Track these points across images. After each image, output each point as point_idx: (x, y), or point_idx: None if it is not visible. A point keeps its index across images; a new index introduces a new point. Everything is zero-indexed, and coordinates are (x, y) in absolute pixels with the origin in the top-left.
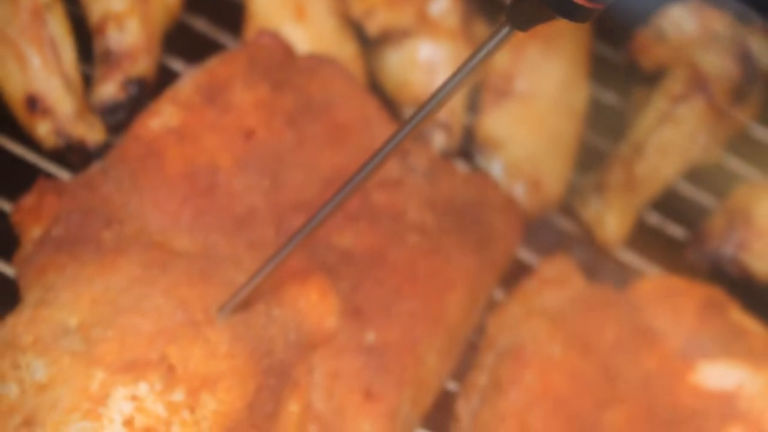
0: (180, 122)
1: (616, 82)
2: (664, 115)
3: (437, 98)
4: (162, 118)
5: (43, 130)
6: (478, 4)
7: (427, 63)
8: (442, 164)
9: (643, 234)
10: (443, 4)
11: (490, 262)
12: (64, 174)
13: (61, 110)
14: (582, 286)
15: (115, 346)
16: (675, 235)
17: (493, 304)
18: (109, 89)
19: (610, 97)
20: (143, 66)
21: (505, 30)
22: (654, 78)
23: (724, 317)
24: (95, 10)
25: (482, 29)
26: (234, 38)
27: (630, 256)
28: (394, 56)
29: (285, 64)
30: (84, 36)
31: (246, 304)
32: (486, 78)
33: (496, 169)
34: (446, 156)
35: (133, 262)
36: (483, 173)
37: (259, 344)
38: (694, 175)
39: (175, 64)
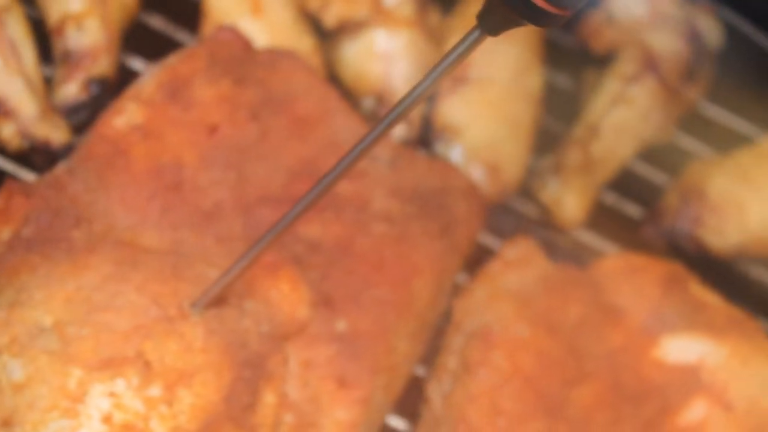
0: (144, 120)
1: (569, 65)
2: (617, 97)
3: (410, 100)
4: (126, 116)
5: (6, 132)
6: None
7: (383, 53)
8: (403, 153)
9: (601, 214)
10: None
11: (454, 247)
12: (29, 175)
13: (25, 112)
14: (545, 266)
15: (91, 343)
16: (632, 214)
17: (459, 289)
18: (71, 89)
19: (563, 81)
20: (104, 65)
21: (476, 34)
22: (606, 60)
23: (684, 292)
24: (54, 11)
25: (436, 18)
26: (192, 35)
27: (589, 236)
28: (351, 47)
29: (245, 58)
30: (43, 38)
31: (219, 299)
32: None
33: (456, 155)
34: (407, 145)
35: (104, 260)
36: (444, 160)
37: (234, 337)
38: (648, 154)
39: (135, 63)
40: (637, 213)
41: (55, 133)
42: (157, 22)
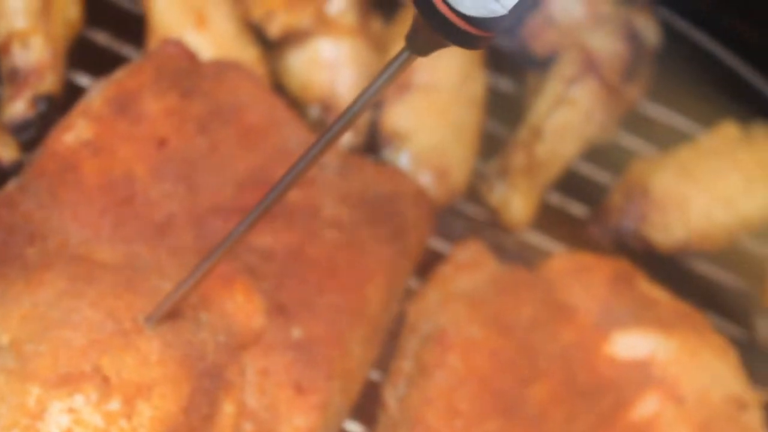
0: (93, 135)
1: (511, 69)
2: (559, 98)
3: (344, 120)
4: (75, 132)
5: None
6: (374, 1)
7: (328, 61)
8: (351, 160)
9: (548, 214)
10: (340, 3)
11: (405, 252)
12: None
13: None
14: (495, 268)
15: (49, 360)
16: (578, 214)
17: (411, 293)
18: (18, 107)
19: (506, 85)
20: (50, 82)
21: (405, 55)
22: (547, 63)
23: (633, 288)
24: None
25: (379, 26)
26: (137, 50)
27: (537, 237)
28: (296, 57)
29: (191, 71)
30: None
31: (174, 311)
32: None
33: (404, 161)
34: (355, 152)
35: (59, 276)
36: (391, 166)
37: (190, 349)
38: (592, 153)
39: (81, 79)
40: (583, 212)
41: (4, 151)
42: (102, 38)
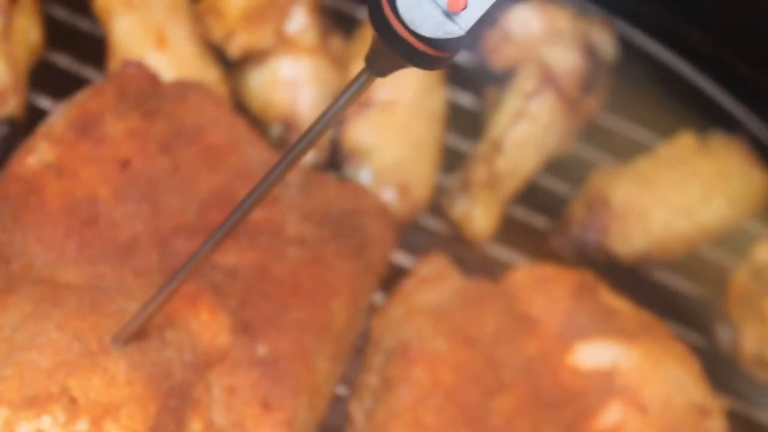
0: (56, 157)
1: (471, 84)
2: (518, 112)
3: (305, 141)
4: (38, 154)
5: None
6: (334, 19)
7: (288, 80)
8: (314, 177)
9: (510, 227)
10: (300, 22)
11: (368, 267)
12: None
13: None
14: (458, 281)
15: (16, 383)
16: (540, 226)
17: (375, 308)
18: None
19: (466, 99)
20: (12, 105)
21: (365, 76)
22: (506, 77)
23: (595, 299)
24: None
25: (339, 44)
26: (98, 71)
27: (500, 249)
28: (256, 76)
29: (152, 92)
30: None
31: (140, 331)
32: None
33: (365, 177)
34: (317, 169)
35: (24, 299)
36: (353, 182)
37: (157, 369)
38: (552, 166)
39: (43, 102)
40: (545, 224)
41: None
42: (63, 60)
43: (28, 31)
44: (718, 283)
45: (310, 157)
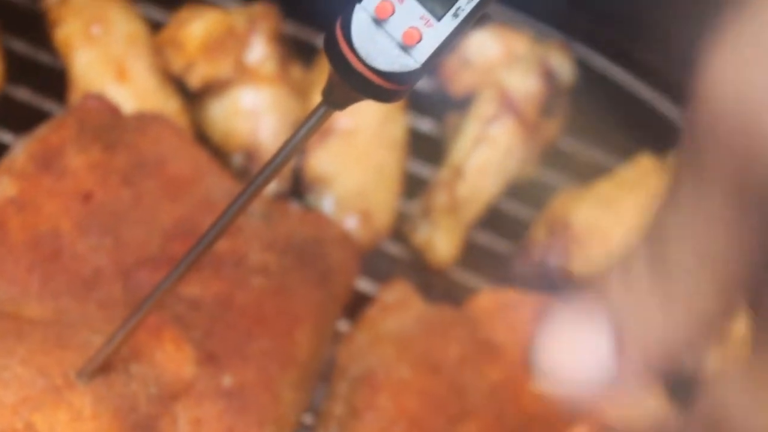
0: (18, 192)
1: (431, 110)
2: (478, 137)
3: (264, 174)
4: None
5: None
6: (293, 48)
7: (249, 110)
8: (276, 207)
9: (473, 252)
10: (259, 51)
11: (332, 295)
12: None
13: None
14: (422, 308)
15: None
16: (502, 250)
17: (340, 336)
18: None
19: (427, 125)
20: None
21: (323, 109)
22: (466, 103)
23: None
24: None
25: (299, 72)
26: (59, 104)
27: (463, 275)
28: (217, 106)
29: (114, 124)
30: None
31: (105, 365)
32: None
33: (328, 205)
34: (279, 198)
35: None
36: (316, 211)
37: (122, 402)
38: (513, 190)
39: (4, 136)
40: (508, 248)
41: None
42: (24, 94)
43: None
44: None
45: (272, 186)
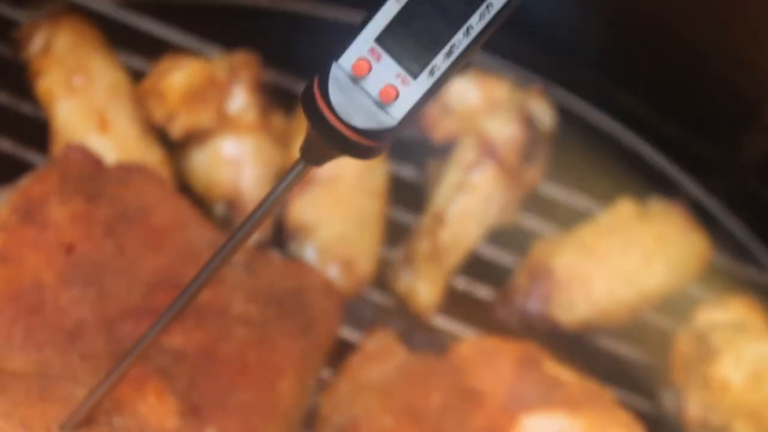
0: (0, 244)
1: (412, 156)
2: (459, 184)
3: (244, 230)
4: None
5: None
6: (274, 96)
7: (231, 159)
8: (258, 256)
9: (455, 299)
10: (240, 101)
11: (315, 345)
12: None
13: None
14: (404, 356)
15: None
16: (484, 296)
17: (323, 384)
18: None
19: (408, 172)
20: None
21: (301, 165)
22: (447, 149)
23: (539, 370)
24: None
25: (280, 121)
26: (42, 155)
27: (445, 321)
28: (199, 156)
29: (96, 175)
30: None
31: (87, 417)
32: None
33: (310, 253)
34: (262, 247)
35: None
36: (298, 260)
37: None
38: (495, 236)
39: None
40: (490, 295)
41: None
42: (6, 145)
43: None
44: (662, 347)
45: (254, 236)
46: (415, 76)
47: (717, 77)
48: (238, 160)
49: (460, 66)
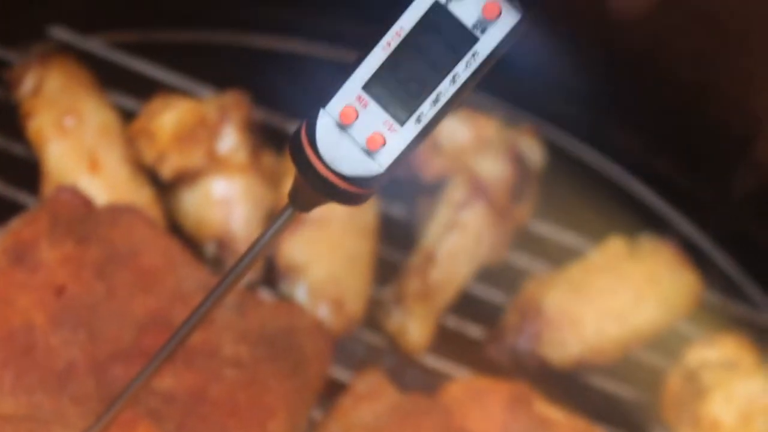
0: None
1: (402, 195)
2: (449, 223)
3: (234, 274)
4: None
5: None
6: (264, 135)
7: (221, 199)
8: (249, 297)
9: (445, 337)
10: (230, 141)
11: (305, 385)
12: None
13: None
14: (395, 397)
15: None
16: (475, 335)
17: (314, 424)
18: None
19: (398, 210)
20: None
21: (289, 212)
22: (437, 188)
23: (530, 410)
24: None
25: (270, 161)
26: (32, 196)
27: (436, 360)
28: (189, 196)
29: (86, 217)
30: None
31: None
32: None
33: (300, 293)
34: (252, 287)
35: None
36: (288, 300)
37: None
38: (485, 274)
39: None
40: (480, 333)
41: None
42: None
43: None
44: (653, 385)
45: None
46: (402, 123)
47: (707, 114)
48: (228, 200)
49: (447, 113)
